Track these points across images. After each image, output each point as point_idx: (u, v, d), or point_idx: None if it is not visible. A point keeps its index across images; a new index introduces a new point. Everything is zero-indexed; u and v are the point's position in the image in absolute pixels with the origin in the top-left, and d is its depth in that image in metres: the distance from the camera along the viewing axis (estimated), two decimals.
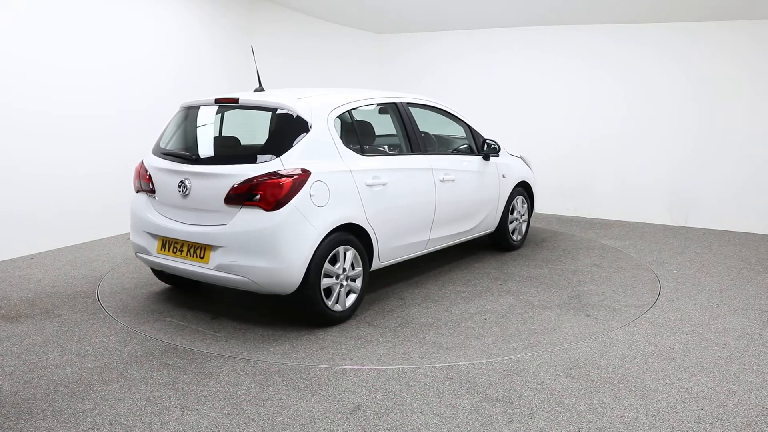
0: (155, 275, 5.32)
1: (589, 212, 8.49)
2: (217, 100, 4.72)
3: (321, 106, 4.52)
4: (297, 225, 4.10)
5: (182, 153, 4.67)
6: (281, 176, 4.10)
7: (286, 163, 4.18)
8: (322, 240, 4.23)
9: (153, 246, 4.62)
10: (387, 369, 3.74)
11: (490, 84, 8.98)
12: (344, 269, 4.43)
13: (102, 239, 6.86)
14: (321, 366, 3.76)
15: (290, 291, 4.21)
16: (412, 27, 9.37)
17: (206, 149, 4.87)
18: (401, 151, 5.25)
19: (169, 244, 4.51)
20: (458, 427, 3.09)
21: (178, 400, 3.34)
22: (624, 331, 4.35)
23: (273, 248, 4.07)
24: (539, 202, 7.05)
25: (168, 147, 4.79)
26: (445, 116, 5.90)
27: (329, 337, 4.22)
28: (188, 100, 5.00)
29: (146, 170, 4.75)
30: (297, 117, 4.37)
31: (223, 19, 8.16)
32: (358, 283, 4.57)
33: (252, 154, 4.37)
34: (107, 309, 4.76)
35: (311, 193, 4.19)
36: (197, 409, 3.25)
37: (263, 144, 4.41)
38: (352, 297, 4.55)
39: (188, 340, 4.17)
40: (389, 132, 5.69)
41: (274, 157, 4.20)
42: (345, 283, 4.46)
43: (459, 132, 6.13)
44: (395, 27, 9.47)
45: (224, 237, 4.17)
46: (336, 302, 4.41)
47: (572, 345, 4.09)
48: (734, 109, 7.54)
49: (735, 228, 7.62)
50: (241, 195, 4.12)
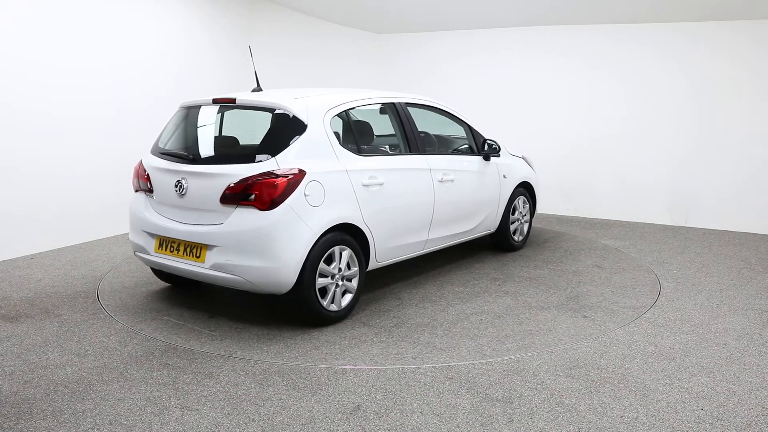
0: (155, 274, 5.33)
1: (589, 212, 8.49)
2: (215, 100, 4.73)
3: (317, 106, 4.52)
4: (291, 225, 4.11)
5: (179, 153, 4.69)
6: (276, 176, 4.11)
7: (282, 163, 4.18)
8: (317, 240, 4.24)
9: (151, 245, 4.63)
10: (387, 369, 3.74)
11: (490, 84, 8.98)
12: (340, 269, 4.43)
13: (102, 239, 6.86)
14: (317, 366, 3.76)
15: (285, 290, 4.21)
16: (412, 27, 9.37)
17: (203, 149, 4.87)
18: (399, 151, 5.24)
19: (167, 244, 4.52)
20: (458, 427, 3.09)
21: (178, 400, 3.34)
22: (624, 331, 4.35)
23: (267, 248, 4.07)
24: (539, 203, 7.04)
25: (166, 147, 4.81)
26: (445, 116, 5.89)
27: (324, 337, 4.22)
28: (187, 100, 5.01)
29: (145, 170, 4.77)
30: (293, 117, 4.38)
31: (223, 19, 8.16)
32: (355, 283, 4.57)
33: (248, 154, 4.38)
34: (106, 308, 4.76)
35: (306, 193, 4.19)
36: (197, 409, 3.25)
37: (259, 144, 4.42)
38: (348, 297, 4.55)
39: (184, 339, 4.18)
40: (387, 132, 5.68)
41: (270, 157, 4.21)
42: (341, 283, 4.46)
43: (459, 132, 6.12)
44: (395, 27, 9.46)
45: (220, 236, 4.18)
46: (331, 302, 4.41)
47: (568, 346, 4.09)
48: (734, 109, 7.54)
49: (735, 228, 7.62)
50: (237, 195, 4.13)
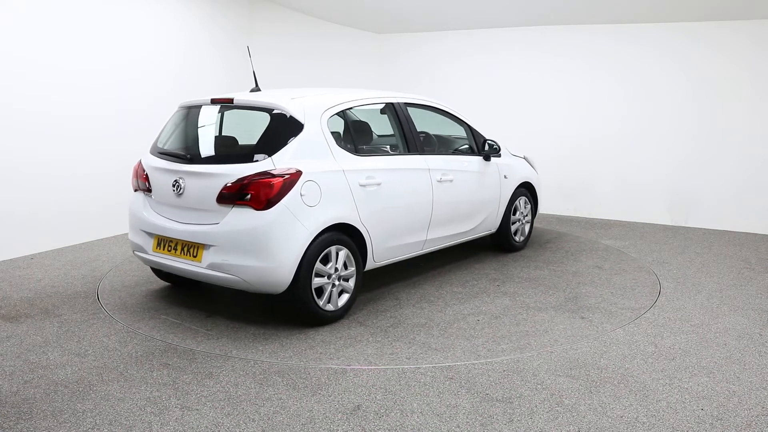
0: (154, 273, 5.34)
1: (589, 212, 8.49)
2: (213, 100, 4.75)
3: (314, 106, 4.53)
4: (287, 224, 4.11)
5: (177, 152, 4.70)
6: (272, 176, 4.12)
7: (278, 163, 4.19)
8: (313, 240, 4.24)
9: (149, 244, 4.65)
10: (387, 369, 3.74)
11: (490, 84, 8.98)
12: (336, 269, 4.43)
13: (102, 239, 6.86)
14: (313, 365, 3.76)
15: (281, 290, 4.22)
16: (412, 27, 9.37)
17: (200, 149, 4.88)
18: (397, 151, 5.23)
19: (164, 243, 4.53)
20: (458, 427, 3.09)
21: (178, 400, 3.34)
22: (624, 331, 4.35)
23: (263, 247, 4.08)
24: (541, 203, 7.03)
25: (164, 146, 4.83)
26: (445, 116, 5.88)
27: (319, 337, 4.22)
28: (185, 100, 5.03)
29: (143, 169, 4.78)
30: (290, 117, 4.38)
31: (223, 19, 8.16)
32: (351, 283, 4.57)
33: (244, 154, 4.39)
34: (106, 307, 4.76)
35: (302, 193, 4.19)
36: (197, 409, 3.25)
37: (255, 144, 4.42)
38: (345, 297, 4.55)
39: (180, 338, 4.18)
40: (386, 132, 5.67)
41: (266, 157, 4.22)
42: (337, 283, 4.46)
43: (460, 132, 6.11)
44: (395, 27, 9.46)
45: (216, 236, 4.19)
46: (328, 302, 4.41)
47: (564, 347, 4.09)
48: (734, 109, 7.54)
49: (735, 228, 7.62)
50: (233, 194, 4.14)
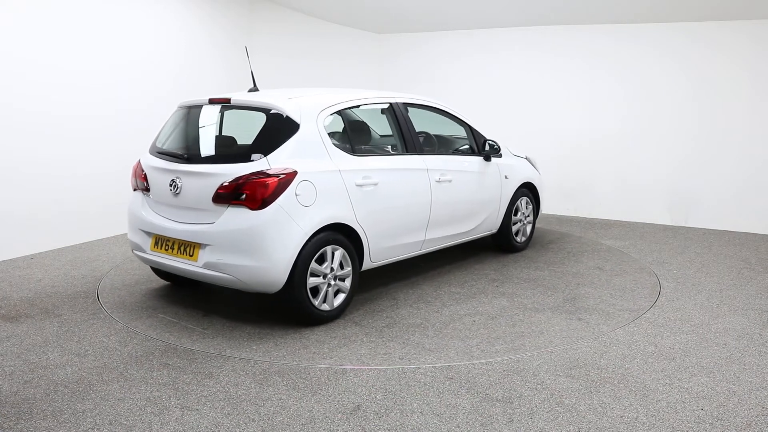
0: (154, 272, 5.36)
1: (589, 212, 8.49)
2: (211, 100, 4.77)
3: (310, 106, 4.53)
4: (282, 224, 4.12)
5: (175, 152, 4.72)
6: (267, 176, 4.13)
7: (273, 163, 4.20)
8: (308, 239, 4.24)
9: (147, 243, 4.67)
10: (387, 369, 3.74)
11: (490, 84, 8.98)
12: (332, 269, 4.43)
13: (102, 239, 6.86)
14: (312, 365, 3.76)
15: (276, 290, 4.22)
16: (412, 27, 9.37)
17: (197, 149, 4.89)
18: (396, 152, 5.23)
19: (162, 242, 4.55)
20: (458, 427, 3.09)
21: (178, 400, 3.34)
22: (624, 332, 4.35)
23: (258, 247, 4.09)
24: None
25: (163, 146, 4.85)
26: (444, 116, 5.87)
27: (314, 336, 4.22)
28: (184, 100, 5.05)
29: (142, 169, 4.81)
30: (286, 117, 4.39)
31: (223, 19, 8.16)
32: (347, 283, 4.57)
33: (241, 154, 4.41)
34: (105, 306, 4.76)
35: (297, 193, 4.20)
36: (197, 409, 3.25)
37: (251, 144, 4.43)
38: (341, 297, 4.55)
39: (176, 337, 4.19)
40: (384, 132, 5.67)
41: (262, 157, 4.23)
42: (333, 283, 4.46)
43: (461, 133, 6.11)
44: (395, 27, 9.46)
45: (212, 235, 4.21)
46: (323, 301, 4.41)
47: (563, 347, 4.08)
48: (734, 109, 7.54)
49: (735, 228, 7.62)
50: (229, 194, 4.16)
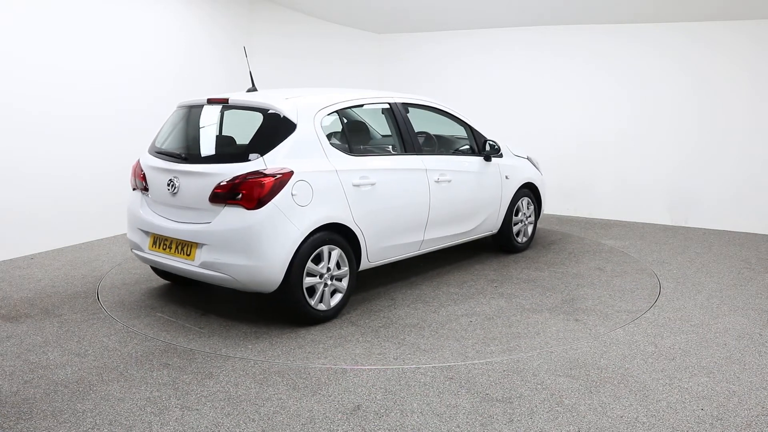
0: (154, 272, 5.37)
1: (589, 212, 8.49)
2: (209, 100, 4.78)
3: (307, 107, 4.54)
4: (278, 224, 4.12)
5: (173, 152, 4.73)
6: (263, 175, 4.14)
7: (270, 163, 4.21)
8: (305, 239, 4.25)
9: (145, 243, 4.68)
10: (387, 369, 3.74)
11: (490, 84, 8.98)
12: (329, 269, 4.44)
13: (102, 239, 6.86)
14: (312, 365, 3.77)
15: (271, 289, 4.23)
16: (412, 27, 9.37)
17: (195, 148, 4.91)
18: (394, 152, 5.22)
19: (160, 241, 4.57)
20: (458, 427, 3.09)
21: (178, 400, 3.34)
22: (624, 332, 4.34)
23: (254, 246, 4.10)
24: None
25: (161, 146, 4.86)
26: (444, 116, 5.86)
27: (310, 336, 4.22)
28: (183, 100, 5.06)
29: (141, 169, 4.83)
30: (283, 117, 4.40)
31: (223, 19, 8.16)
32: (344, 283, 4.57)
33: (238, 154, 4.41)
34: (106, 307, 4.76)
35: (293, 193, 4.20)
36: (197, 409, 3.25)
37: (248, 144, 4.44)
38: (338, 296, 4.55)
39: (172, 336, 4.21)
40: (383, 132, 5.66)
41: (259, 157, 4.23)
42: (330, 283, 4.46)
43: (461, 133, 6.10)
44: (395, 27, 9.46)
45: (208, 235, 4.22)
46: (320, 301, 4.41)
47: (557, 348, 4.07)
48: (734, 109, 7.54)
49: (735, 228, 7.62)
50: (225, 194, 4.17)
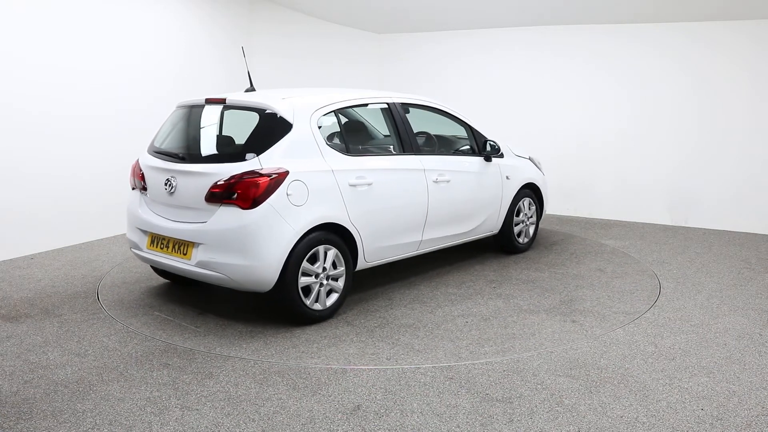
0: (154, 271, 5.38)
1: (589, 212, 8.49)
2: (207, 100, 4.80)
3: (304, 107, 4.54)
4: (273, 223, 4.13)
5: (171, 151, 4.74)
6: (259, 175, 4.15)
7: (265, 163, 4.22)
8: (300, 239, 4.25)
9: (143, 242, 4.70)
10: (387, 369, 3.74)
11: (490, 84, 8.98)
12: (324, 269, 4.43)
13: (102, 239, 6.86)
14: (314, 365, 3.77)
15: (267, 289, 4.24)
16: (412, 27, 9.37)
17: (192, 148, 4.92)
18: (392, 152, 5.22)
19: (157, 240, 4.58)
20: (458, 427, 3.09)
21: (178, 400, 3.34)
22: (624, 332, 4.34)
23: (249, 246, 4.11)
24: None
25: (160, 146, 4.87)
26: (444, 116, 5.85)
27: (304, 336, 4.23)
28: (182, 100, 5.07)
29: (140, 168, 4.84)
30: (279, 117, 4.41)
31: (223, 19, 8.16)
32: (341, 283, 4.57)
33: (234, 154, 4.43)
34: (106, 306, 4.76)
35: (288, 193, 4.21)
36: (197, 409, 3.25)
37: (244, 143, 4.45)
38: (334, 296, 4.55)
39: (168, 335, 4.22)
40: (381, 132, 5.65)
41: (255, 156, 4.24)
42: (325, 283, 4.46)
43: (461, 133, 6.08)
44: (395, 27, 9.46)
45: (204, 234, 4.24)
46: (315, 301, 4.41)
47: (557, 348, 4.07)
48: (734, 109, 7.54)
49: (735, 228, 7.62)
50: (221, 193, 4.18)
